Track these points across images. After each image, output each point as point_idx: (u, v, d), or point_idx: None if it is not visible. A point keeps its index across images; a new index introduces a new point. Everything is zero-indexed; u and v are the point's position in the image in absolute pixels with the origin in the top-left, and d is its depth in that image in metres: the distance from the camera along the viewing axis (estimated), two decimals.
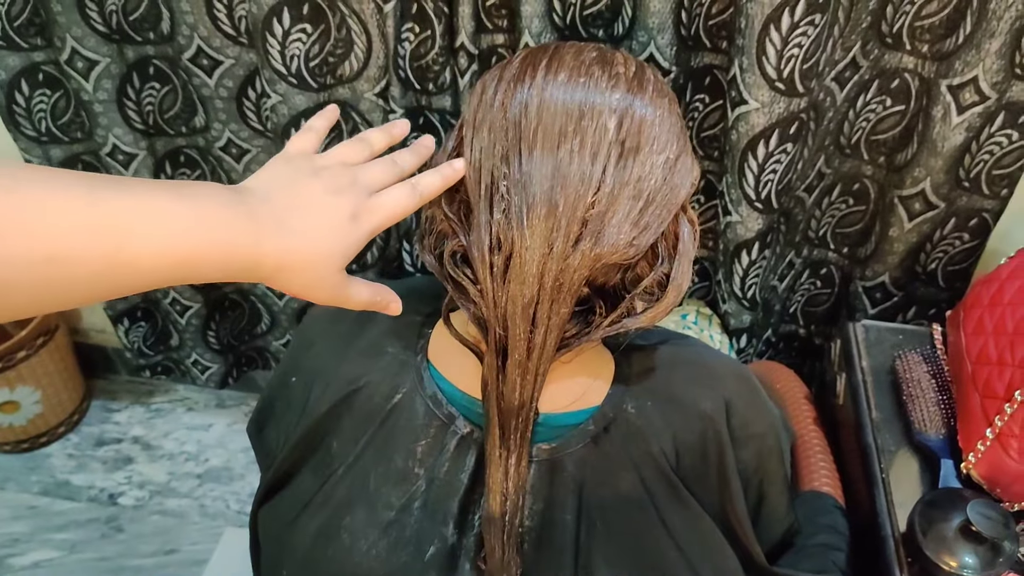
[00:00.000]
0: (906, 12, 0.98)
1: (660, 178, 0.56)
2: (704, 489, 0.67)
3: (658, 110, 0.58)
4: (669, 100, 0.60)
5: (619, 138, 0.55)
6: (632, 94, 0.57)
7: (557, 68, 0.57)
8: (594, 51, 0.60)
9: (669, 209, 0.57)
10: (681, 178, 0.58)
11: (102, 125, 1.24)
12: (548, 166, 0.54)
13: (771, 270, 1.24)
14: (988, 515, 0.72)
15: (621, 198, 0.55)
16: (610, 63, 0.58)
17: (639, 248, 0.56)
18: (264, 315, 1.59)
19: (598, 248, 0.54)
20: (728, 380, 0.70)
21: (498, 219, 0.55)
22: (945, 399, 0.90)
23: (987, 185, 1.07)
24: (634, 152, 0.55)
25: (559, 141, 0.54)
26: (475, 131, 0.59)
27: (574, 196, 0.54)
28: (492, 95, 0.59)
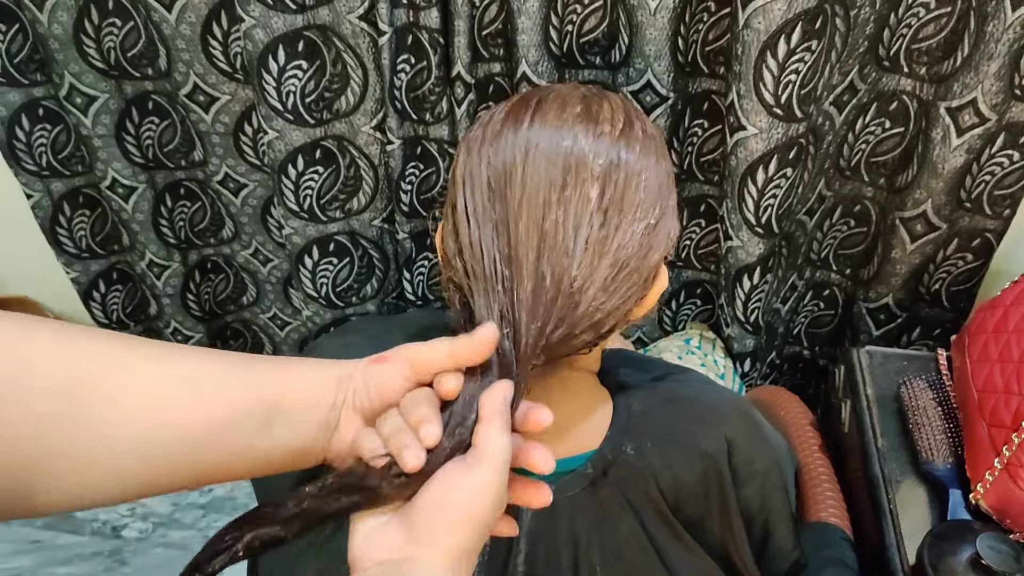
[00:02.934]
0: (903, 35, 0.98)
1: (637, 244, 0.55)
2: (706, 530, 0.66)
3: (644, 173, 0.56)
4: (657, 157, 0.58)
5: (601, 207, 0.53)
6: (618, 157, 0.55)
7: (540, 127, 0.56)
8: (579, 104, 0.58)
9: (640, 273, 0.55)
10: (658, 241, 0.56)
11: (102, 159, 1.24)
12: (534, 239, 0.53)
13: (774, 293, 1.23)
14: (998, 548, 0.71)
15: (600, 268, 0.53)
16: (595, 120, 0.57)
17: (604, 312, 0.54)
18: (266, 345, 1.59)
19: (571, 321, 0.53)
20: (729, 418, 0.69)
21: (499, 290, 0.54)
22: (952, 427, 0.89)
23: (989, 206, 1.06)
24: (616, 219, 0.54)
25: (544, 213, 0.53)
26: (465, 195, 0.57)
27: (559, 270, 0.52)
28: (477, 159, 0.57)
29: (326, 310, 1.31)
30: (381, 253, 1.30)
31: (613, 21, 1.02)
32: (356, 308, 1.33)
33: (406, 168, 1.16)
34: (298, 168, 1.14)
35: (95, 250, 1.39)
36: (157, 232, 1.35)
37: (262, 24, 1.01)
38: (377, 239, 1.28)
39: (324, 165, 1.16)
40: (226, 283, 1.48)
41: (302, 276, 1.27)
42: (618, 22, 1.01)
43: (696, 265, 1.27)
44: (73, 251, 1.37)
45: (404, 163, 1.15)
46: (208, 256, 1.43)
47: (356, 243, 1.27)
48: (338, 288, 1.30)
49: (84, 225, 1.36)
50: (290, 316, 1.50)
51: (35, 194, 1.29)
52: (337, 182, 1.19)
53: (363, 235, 1.26)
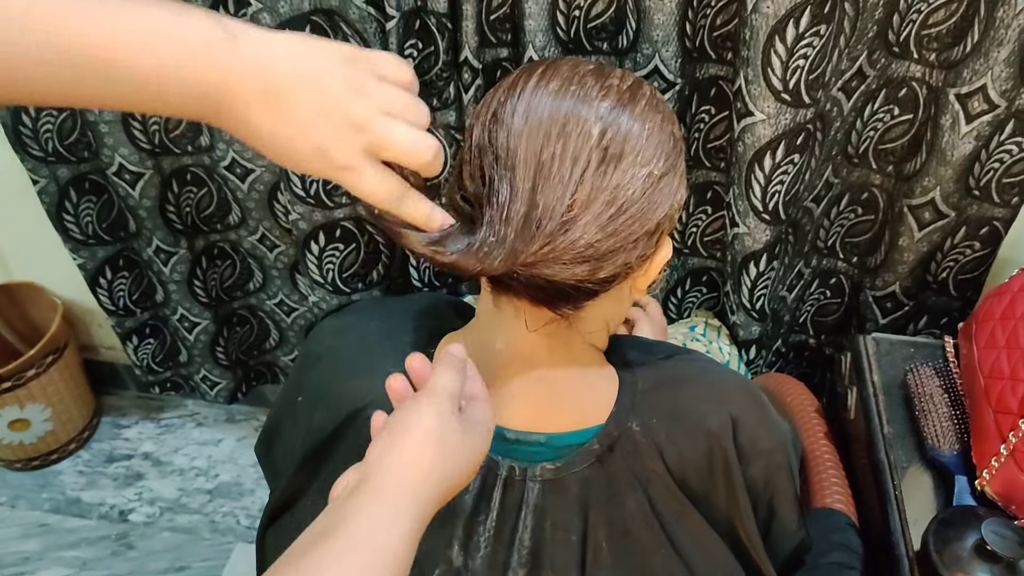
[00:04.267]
0: (913, 21, 0.97)
1: (639, 190, 0.55)
2: (712, 506, 0.66)
3: (647, 123, 0.57)
4: (663, 117, 0.59)
5: (602, 144, 0.55)
6: (622, 105, 0.56)
7: (551, 77, 0.58)
8: (592, 64, 0.60)
9: (642, 223, 0.56)
10: (662, 197, 0.57)
11: (108, 145, 1.24)
12: (531, 168, 0.54)
13: (780, 281, 1.23)
14: (1003, 534, 0.71)
15: (596, 203, 0.54)
16: (606, 75, 0.58)
17: (597, 251, 0.55)
18: (272, 331, 1.59)
19: (559, 245, 0.54)
20: (734, 397, 0.69)
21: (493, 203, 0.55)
22: (958, 414, 0.89)
23: (998, 194, 1.05)
24: (616, 160, 0.55)
25: (542, 144, 0.54)
26: (472, 131, 0.59)
27: (553, 199, 0.54)
28: (490, 101, 0.59)
29: (332, 295, 1.32)
30: (387, 239, 1.30)
31: (620, 6, 1.01)
32: (362, 294, 1.33)
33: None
34: None
35: (101, 236, 1.39)
36: (164, 218, 1.35)
37: (268, 8, 1.00)
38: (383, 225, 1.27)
39: None
40: (232, 269, 1.48)
41: (308, 262, 1.27)
42: (625, 7, 1.00)
43: (702, 252, 1.27)
44: (80, 237, 1.37)
45: None
46: (215, 242, 1.43)
47: (363, 229, 1.27)
48: (344, 274, 1.30)
49: (91, 211, 1.36)
50: (297, 302, 1.50)
51: (41, 180, 1.30)
52: None
53: (369, 221, 1.26)
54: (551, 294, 0.57)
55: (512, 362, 0.64)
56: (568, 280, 0.56)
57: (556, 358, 0.64)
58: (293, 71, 0.45)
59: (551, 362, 0.64)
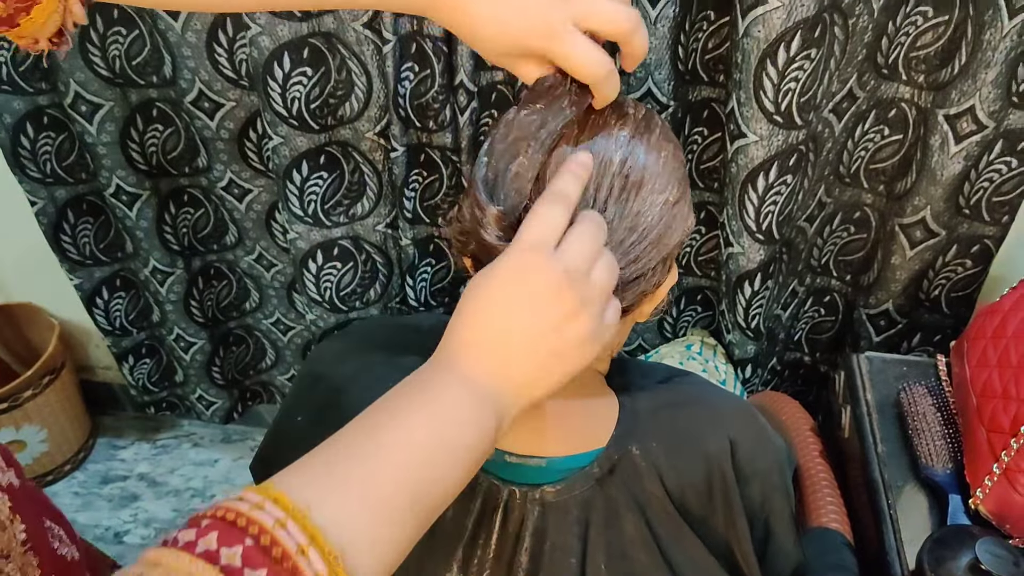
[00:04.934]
0: (901, 43, 0.99)
1: (656, 216, 0.57)
2: (710, 529, 0.67)
3: (663, 152, 0.58)
4: (674, 146, 0.60)
5: (623, 172, 0.56)
6: (639, 134, 0.58)
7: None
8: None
9: (659, 250, 0.57)
10: (677, 223, 0.58)
11: (106, 167, 1.25)
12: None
13: (774, 299, 1.24)
14: (997, 553, 0.71)
15: (618, 230, 0.55)
16: (620, 105, 0.59)
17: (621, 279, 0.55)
18: (269, 350, 1.59)
19: None
20: (733, 419, 0.69)
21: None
22: (951, 432, 0.89)
23: (988, 212, 1.07)
24: (636, 188, 0.56)
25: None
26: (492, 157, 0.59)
27: None
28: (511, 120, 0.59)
29: (330, 314, 1.32)
30: (385, 258, 1.31)
31: None
32: (359, 312, 1.34)
33: (409, 175, 1.17)
34: (303, 173, 1.15)
35: (98, 257, 1.40)
36: (161, 239, 1.36)
37: (268, 31, 1.02)
38: (381, 244, 1.28)
39: (328, 171, 1.17)
40: (229, 289, 1.49)
41: (306, 280, 1.27)
42: None
43: (697, 271, 1.28)
44: (76, 258, 1.38)
45: (408, 170, 1.16)
46: (211, 262, 1.44)
47: (360, 248, 1.27)
48: (342, 292, 1.30)
49: (88, 232, 1.37)
50: (293, 321, 1.50)
51: (39, 201, 1.30)
52: (341, 187, 1.19)
53: (367, 240, 1.27)
54: None
55: None
56: None
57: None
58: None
59: None
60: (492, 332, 0.47)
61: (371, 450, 0.43)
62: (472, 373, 0.46)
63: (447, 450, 0.44)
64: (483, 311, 0.47)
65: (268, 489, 0.39)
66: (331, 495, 0.40)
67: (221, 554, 0.35)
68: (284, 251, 1.37)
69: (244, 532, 0.36)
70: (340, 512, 0.40)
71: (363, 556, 0.39)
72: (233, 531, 0.36)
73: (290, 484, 0.41)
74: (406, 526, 0.42)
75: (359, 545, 0.40)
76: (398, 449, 0.43)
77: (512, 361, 0.47)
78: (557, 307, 0.47)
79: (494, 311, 0.47)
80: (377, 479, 0.42)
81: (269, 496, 0.38)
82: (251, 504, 0.38)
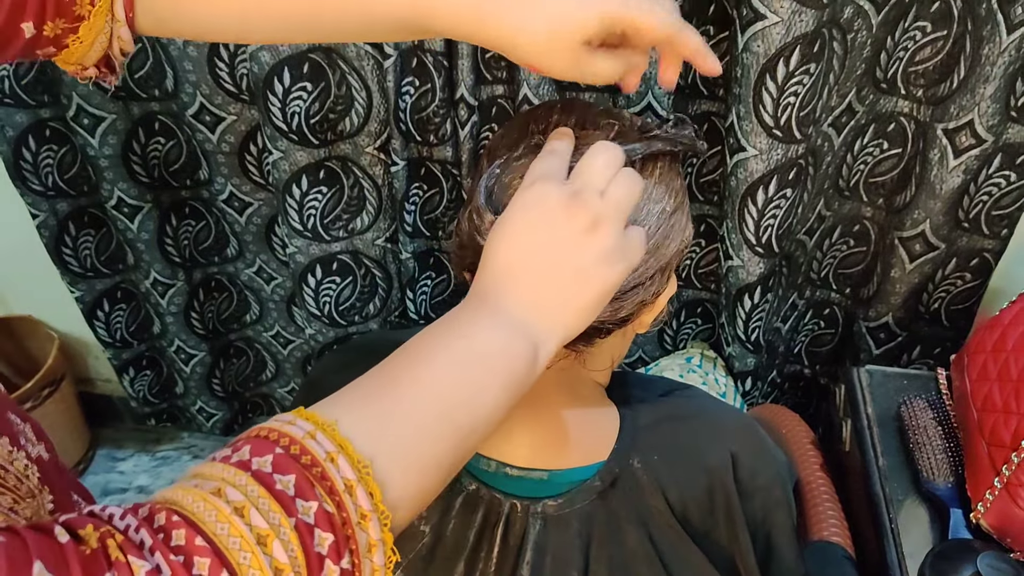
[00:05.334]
0: (900, 58, 1.00)
1: (654, 226, 0.57)
2: (713, 543, 0.66)
3: (659, 162, 0.59)
4: (671, 157, 0.61)
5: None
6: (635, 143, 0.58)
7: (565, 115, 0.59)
8: (601, 105, 0.62)
9: (657, 259, 0.57)
10: (674, 232, 0.59)
11: (108, 179, 1.25)
12: None
13: (774, 312, 1.24)
14: (999, 567, 0.71)
15: None
16: (617, 117, 0.60)
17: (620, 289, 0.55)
18: (269, 363, 1.59)
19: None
20: (734, 433, 0.69)
21: None
22: (952, 446, 0.89)
23: (987, 225, 1.07)
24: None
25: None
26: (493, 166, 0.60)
27: None
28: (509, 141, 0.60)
29: (329, 328, 1.32)
30: (384, 272, 1.31)
31: None
32: (359, 327, 1.34)
33: (410, 189, 1.17)
34: (302, 188, 1.15)
35: (100, 269, 1.40)
36: (162, 251, 1.36)
37: (268, 46, 1.02)
38: (380, 259, 1.29)
39: (328, 185, 1.17)
40: (230, 301, 1.49)
41: (305, 295, 1.27)
42: None
43: (696, 284, 1.28)
44: (78, 270, 1.38)
45: (408, 184, 1.16)
46: (212, 274, 1.44)
47: (359, 262, 1.27)
48: (341, 307, 1.30)
49: (89, 245, 1.37)
50: (293, 334, 1.50)
51: (41, 214, 1.31)
52: (341, 202, 1.20)
53: (366, 255, 1.27)
54: None
55: None
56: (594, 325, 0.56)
57: (561, 395, 0.65)
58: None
59: (555, 399, 0.65)
60: (515, 261, 0.48)
61: (401, 375, 0.44)
62: (502, 306, 0.47)
63: (479, 372, 0.45)
64: (504, 245, 0.49)
65: (299, 411, 0.40)
66: (361, 410, 0.42)
67: (253, 462, 0.37)
68: (284, 264, 1.38)
69: (275, 443, 0.38)
70: (369, 424, 0.41)
71: (395, 466, 0.40)
72: (264, 443, 0.38)
73: (320, 406, 0.42)
74: (440, 443, 0.43)
75: (390, 455, 0.40)
76: (428, 372, 0.44)
77: (538, 285, 0.48)
78: (571, 223, 0.47)
79: (514, 242, 0.48)
80: (407, 396, 0.43)
81: (300, 415, 0.40)
82: (283, 422, 0.39)
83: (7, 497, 0.49)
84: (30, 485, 0.52)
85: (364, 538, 0.38)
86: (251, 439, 0.38)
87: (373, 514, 0.38)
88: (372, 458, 0.39)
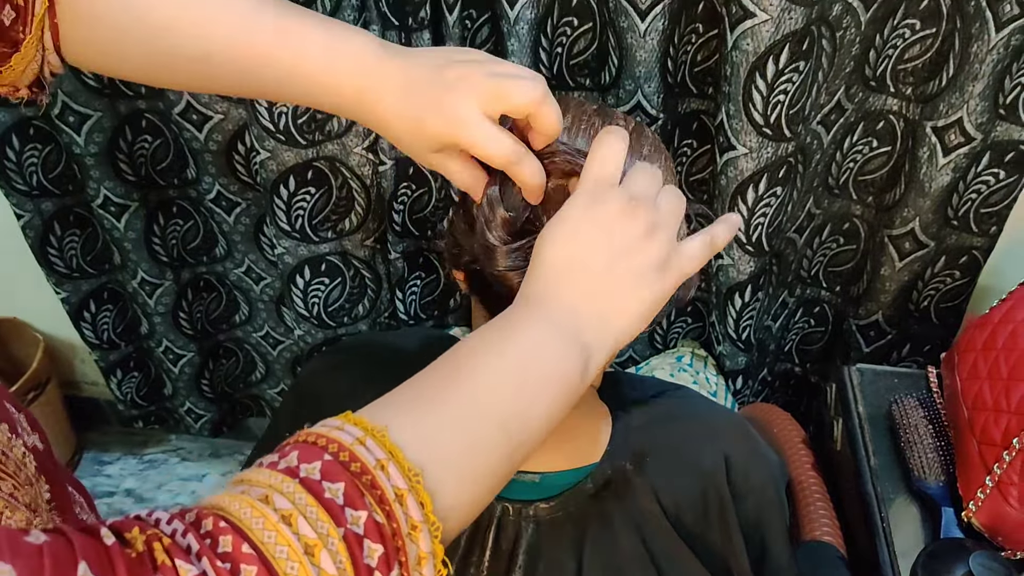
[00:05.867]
0: (889, 56, 0.99)
1: None
2: (706, 545, 0.66)
3: (655, 163, 0.58)
4: (665, 157, 0.61)
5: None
6: (630, 147, 0.57)
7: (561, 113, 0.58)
8: (595, 104, 0.61)
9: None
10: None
11: (94, 178, 1.24)
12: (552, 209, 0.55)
13: (765, 310, 1.24)
14: (990, 566, 0.71)
15: None
16: (610, 117, 0.60)
17: None
18: (259, 364, 1.58)
19: None
20: (726, 434, 0.69)
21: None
22: (943, 445, 0.89)
23: (976, 223, 1.07)
24: None
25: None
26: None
27: None
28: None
29: (318, 330, 1.31)
30: (373, 273, 1.30)
31: (603, 43, 1.03)
32: (348, 328, 1.33)
33: (398, 189, 1.16)
34: (290, 189, 1.14)
35: (86, 269, 1.38)
36: (149, 250, 1.34)
37: None
38: (369, 259, 1.28)
39: (316, 186, 1.16)
40: (218, 302, 1.47)
41: (294, 296, 1.26)
42: (608, 44, 1.02)
43: None
44: (63, 271, 1.36)
45: (396, 184, 1.15)
46: (201, 274, 1.43)
47: (348, 263, 1.27)
48: (330, 308, 1.30)
49: (75, 245, 1.36)
50: (282, 335, 1.49)
51: (25, 214, 1.29)
52: (329, 203, 1.19)
53: (355, 255, 1.26)
54: None
55: None
56: None
57: None
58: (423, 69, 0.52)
59: None
60: (575, 259, 0.48)
61: (451, 383, 0.43)
62: (556, 310, 0.46)
63: (533, 381, 0.44)
64: (562, 242, 0.48)
65: (347, 415, 0.40)
66: (411, 416, 0.41)
67: (300, 469, 0.36)
68: (272, 264, 1.36)
69: (323, 449, 0.37)
70: (420, 431, 0.40)
71: (446, 476, 0.39)
72: (313, 449, 0.37)
73: (371, 411, 0.41)
74: (493, 453, 0.42)
75: (442, 464, 0.40)
76: (481, 379, 0.43)
77: (596, 286, 0.47)
78: (631, 228, 0.47)
79: (574, 239, 0.48)
80: (461, 403, 0.42)
81: (348, 420, 0.39)
82: (331, 427, 0.39)
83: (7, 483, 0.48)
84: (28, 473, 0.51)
85: (414, 550, 0.37)
86: (299, 444, 0.38)
87: (424, 525, 0.37)
88: (423, 466, 0.38)
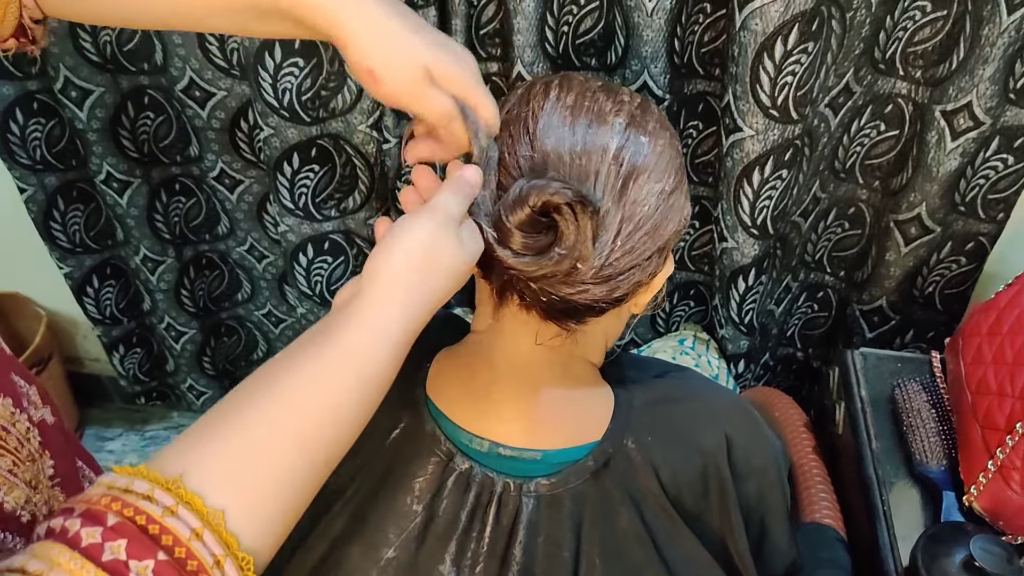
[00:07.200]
0: (899, 38, 0.99)
1: (653, 206, 0.56)
2: (705, 525, 0.66)
3: (659, 140, 0.58)
4: (670, 134, 0.60)
5: (618, 160, 0.55)
6: (635, 123, 0.57)
7: (566, 93, 0.58)
8: (599, 81, 0.61)
9: (655, 240, 0.57)
10: (672, 212, 0.58)
11: (96, 153, 1.24)
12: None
13: (768, 294, 1.24)
14: (991, 550, 0.71)
15: (614, 218, 0.55)
16: (616, 92, 0.59)
17: (615, 269, 0.55)
18: (260, 342, 1.58)
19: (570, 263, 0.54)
20: (728, 414, 0.69)
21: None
22: (946, 429, 0.89)
23: (983, 209, 1.06)
24: (633, 176, 0.55)
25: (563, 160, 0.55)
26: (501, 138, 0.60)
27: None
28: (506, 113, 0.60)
29: (320, 308, 1.31)
30: None
31: (609, 22, 1.02)
32: None
33: (402, 167, 1.16)
34: (293, 166, 1.14)
35: (89, 245, 1.38)
36: (152, 227, 1.34)
37: None
38: (372, 239, 1.27)
39: (320, 163, 1.15)
40: (220, 279, 1.47)
41: (297, 274, 1.26)
42: (614, 23, 1.01)
43: (690, 266, 1.27)
44: (67, 246, 1.36)
45: (400, 162, 1.15)
46: (203, 252, 1.42)
47: (351, 242, 1.26)
48: (333, 287, 1.29)
49: (78, 220, 1.35)
50: (284, 313, 1.49)
51: (29, 188, 1.29)
52: (333, 181, 1.18)
53: (358, 234, 1.26)
54: (561, 310, 0.58)
55: (509, 377, 0.64)
56: (585, 300, 0.56)
57: (554, 374, 0.64)
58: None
59: (549, 378, 0.64)
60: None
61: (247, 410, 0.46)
62: (365, 312, 0.48)
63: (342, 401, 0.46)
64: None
65: (139, 470, 0.39)
66: (209, 459, 0.42)
67: (105, 549, 0.35)
68: (275, 243, 1.36)
69: (156, 544, 0.36)
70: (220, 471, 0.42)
71: (251, 507, 0.42)
72: (143, 541, 0.36)
73: (166, 456, 0.42)
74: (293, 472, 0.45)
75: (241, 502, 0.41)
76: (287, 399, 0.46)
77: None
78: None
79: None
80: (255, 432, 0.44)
81: (140, 475, 0.39)
82: (163, 508, 0.38)
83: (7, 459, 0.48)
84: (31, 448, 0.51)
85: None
86: (126, 523, 0.37)
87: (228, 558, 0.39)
88: (226, 507, 0.40)
